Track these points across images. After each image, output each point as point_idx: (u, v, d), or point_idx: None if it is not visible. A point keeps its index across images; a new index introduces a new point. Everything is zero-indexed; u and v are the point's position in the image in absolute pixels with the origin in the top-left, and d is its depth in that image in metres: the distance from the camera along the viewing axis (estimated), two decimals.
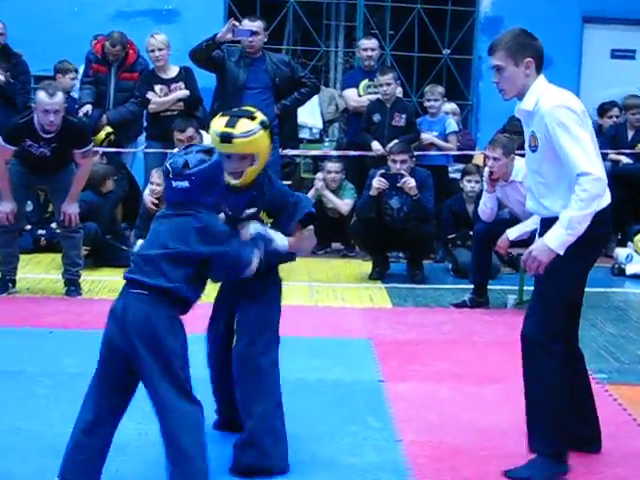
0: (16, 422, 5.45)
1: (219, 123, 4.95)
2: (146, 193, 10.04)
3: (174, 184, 4.46)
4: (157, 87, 10.53)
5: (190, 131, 9.68)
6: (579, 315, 5.20)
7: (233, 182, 4.92)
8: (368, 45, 11.64)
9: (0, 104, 10.84)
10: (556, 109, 4.80)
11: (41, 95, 8.10)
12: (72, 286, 8.71)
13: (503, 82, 4.99)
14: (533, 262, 4.76)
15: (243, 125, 4.87)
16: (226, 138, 4.83)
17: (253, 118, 4.93)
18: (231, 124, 4.89)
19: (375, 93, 10.96)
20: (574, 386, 5.07)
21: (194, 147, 4.66)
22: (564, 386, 4.93)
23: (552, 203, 4.86)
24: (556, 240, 4.69)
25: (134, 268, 4.46)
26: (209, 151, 4.59)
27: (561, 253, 4.69)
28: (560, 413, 4.91)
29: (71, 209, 8.54)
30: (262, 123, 4.89)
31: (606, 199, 4.89)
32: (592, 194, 4.65)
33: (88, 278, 9.11)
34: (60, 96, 8.16)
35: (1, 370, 6.38)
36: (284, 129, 9.75)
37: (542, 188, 4.96)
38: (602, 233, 5.00)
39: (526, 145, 5.08)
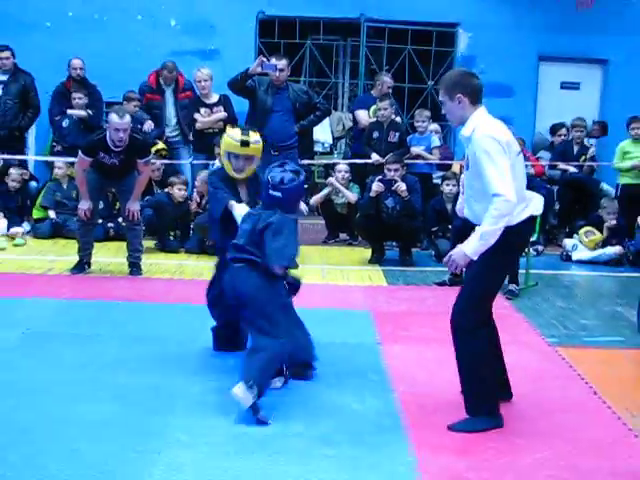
0: (92, 374, 5.44)
1: (236, 132, 5.65)
2: (194, 195, 10.10)
3: (271, 192, 4.92)
4: (202, 110, 10.53)
5: None
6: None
7: (237, 176, 5.69)
8: (389, 82, 11.62)
9: (83, 130, 10.78)
10: (483, 137, 4.72)
11: (113, 117, 8.09)
12: (134, 268, 8.69)
13: (446, 113, 5.01)
14: (452, 264, 4.78)
15: (254, 135, 5.68)
16: (245, 143, 5.58)
17: (255, 131, 5.76)
18: (245, 133, 5.65)
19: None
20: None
21: (287, 166, 5.02)
22: (489, 359, 4.93)
23: (481, 214, 4.73)
24: (471, 248, 4.66)
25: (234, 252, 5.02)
26: (298, 172, 5.00)
27: (474, 258, 4.67)
28: (489, 381, 4.89)
29: (134, 207, 8.54)
30: (261, 135, 5.80)
31: (524, 214, 4.85)
32: (502, 213, 4.58)
33: (147, 261, 9.09)
34: (128, 118, 8.15)
35: (80, 334, 6.38)
36: (302, 144, 9.72)
37: (472, 201, 4.91)
38: (519, 242, 5.00)
39: (464, 164, 5.04)
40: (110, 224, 10.45)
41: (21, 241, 10.07)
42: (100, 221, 9.89)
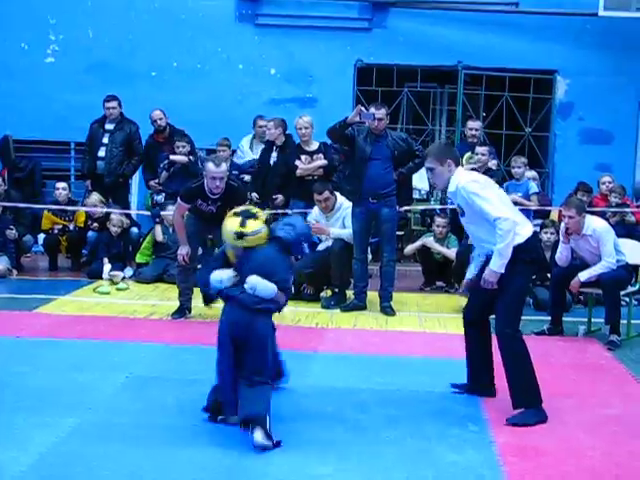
0: (192, 419, 5.50)
1: (233, 223, 5.39)
2: None
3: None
4: (303, 157, 10.63)
5: (326, 193, 9.70)
6: None
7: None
8: (474, 125, 11.72)
9: (184, 175, 10.95)
10: (467, 184, 5.80)
11: (210, 165, 8.21)
12: None
13: (434, 177, 6.06)
14: (487, 283, 5.76)
15: (253, 224, 5.34)
16: (239, 235, 5.29)
17: (257, 218, 5.39)
18: (243, 224, 5.34)
19: (474, 163, 10.89)
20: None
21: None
22: (529, 358, 5.77)
23: (489, 244, 5.81)
24: (495, 265, 5.70)
25: None
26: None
27: (502, 271, 5.69)
28: (534, 376, 5.74)
29: None
30: (265, 222, 5.44)
31: (525, 231, 5.78)
32: (506, 230, 5.63)
33: None
34: (224, 166, 8.27)
35: (180, 379, 6.45)
36: (401, 192, 9.71)
37: (477, 238, 5.99)
38: (531, 258, 5.82)
39: (459, 213, 6.03)
40: None
41: (124, 285, 10.28)
42: (199, 267, 10.03)
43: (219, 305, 5.71)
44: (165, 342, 7.60)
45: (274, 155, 10.90)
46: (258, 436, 4.96)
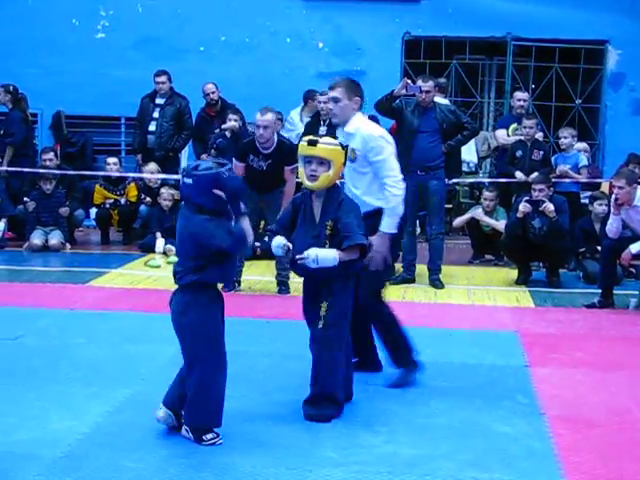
0: (243, 391, 5.53)
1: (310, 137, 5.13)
2: None
3: (184, 180, 4.53)
4: None
5: None
6: None
7: (309, 184, 5.00)
8: (522, 97, 11.57)
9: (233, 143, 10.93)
10: (376, 135, 5.56)
11: (257, 115, 8.34)
12: (282, 286, 8.79)
13: (335, 109, 5.69)
14: (378, 255, 5.45)
15: (327, 139, 5.08)
16: (312, 142, 4.96)
17: (335, 138, 5.26)
18: (319, 136, 5.19)
19: (521, 135, 10.79)
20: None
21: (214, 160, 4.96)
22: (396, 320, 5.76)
23: (369, 200, 5.57)
24: (387, 227, 5.52)
25: None
26: (222, 165, 4.55)
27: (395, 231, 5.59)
28: (405, 336, 5.77)
29: None
30: (341, 145, 5.06)
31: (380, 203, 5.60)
32: (399, 194, 5.56)
33: (295, 279, 9.19)
34: (270, 115, 8.32)
35: (231, 350, 6.48)
36: (450, 164, 9.65)
37: (357, 188, 5.63)
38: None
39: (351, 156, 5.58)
40: (257, 243, 10.60)
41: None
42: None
43: (269, 279, 5.72)
44: None
45: (323, 129, 10.86)
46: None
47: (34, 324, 7.13)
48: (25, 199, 11.06)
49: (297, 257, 4.94)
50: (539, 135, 11.11)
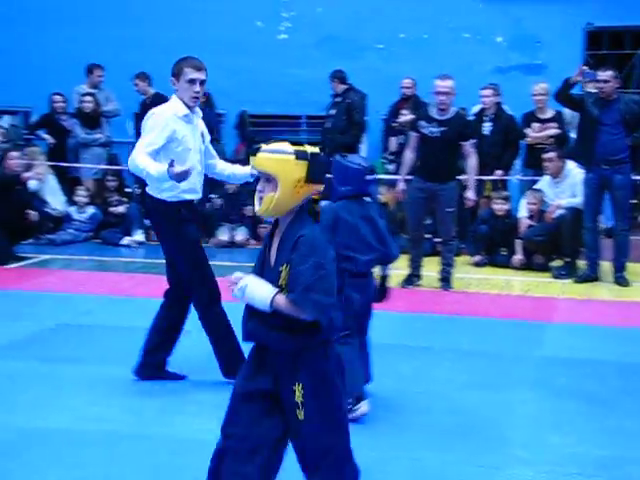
0: (426, 386, 5.55)
1: None
2: (523, 213, 9.90)
3: None
4: (534, 124, 10.39)
5: (551, 154, 9.57)
6: None
7: (256, 208, 3.39)
8: None
9: None
10: (159, 112, 5.40)
11: (437, 82, 8.32)
12: (444, 282, 8.66)
13: None
14: None
15: (277, 145, 3.35)
16: (254, 150, 3.35)
17: (294, 144, 3.35)
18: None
19: None
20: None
21: None
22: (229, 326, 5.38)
23: None
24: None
25: None
26: None
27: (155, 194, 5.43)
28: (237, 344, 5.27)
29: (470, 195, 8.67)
30: (297, 152, 3.28)
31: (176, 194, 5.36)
32: (131, 166, 5.26)
33: (475, 276, 9.17)
34: (449, 82, 8.28)
35: (414, 346, 6.53)
36: (637, 157, 9.34)
37: None
38: (178, 219, 5.42)
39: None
40: (436, 239, 10.58)
41: None
42: (428, 236, 10.08)
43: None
44: (398, 310, 7.67)
45: (487, 125, 10.60)
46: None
47: None
48: (211, 196, 11.44)
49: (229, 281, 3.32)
50: None
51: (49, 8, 14.00)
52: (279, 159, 3.30)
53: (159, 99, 11.63)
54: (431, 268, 9.01)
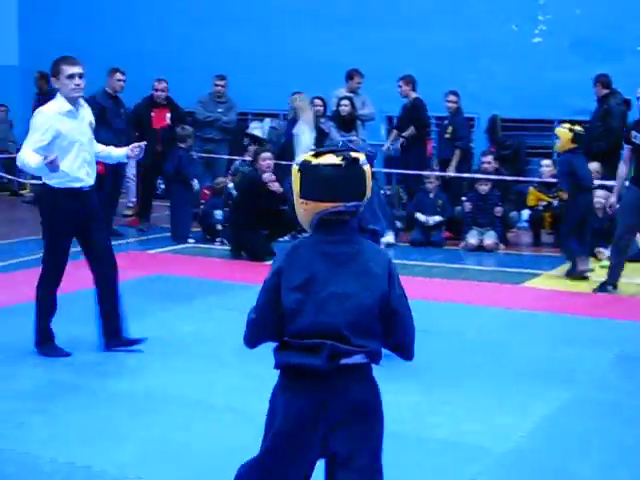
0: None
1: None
2: None
3: None
4: None
5: None
6: None
7: None
8: None
9: None
10: (42, 111, 5.89)
11: None
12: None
13: None
14: None
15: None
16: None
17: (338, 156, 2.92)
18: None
19: None
20: None
21: None
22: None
23: None
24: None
25: None
26: None
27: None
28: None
29: None
30: (301, 163, 2.94)
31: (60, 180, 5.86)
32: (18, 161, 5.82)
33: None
34: None
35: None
36: None
37: None
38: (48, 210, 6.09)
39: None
40: None
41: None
42: None
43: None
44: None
45: None
46: None
47: (473, 320, 7.40)
48: (462, 198, 11.47)
49: None
50: None
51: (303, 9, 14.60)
52: (293, 168, 2.98)
53: (419, 102, 11.94)
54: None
